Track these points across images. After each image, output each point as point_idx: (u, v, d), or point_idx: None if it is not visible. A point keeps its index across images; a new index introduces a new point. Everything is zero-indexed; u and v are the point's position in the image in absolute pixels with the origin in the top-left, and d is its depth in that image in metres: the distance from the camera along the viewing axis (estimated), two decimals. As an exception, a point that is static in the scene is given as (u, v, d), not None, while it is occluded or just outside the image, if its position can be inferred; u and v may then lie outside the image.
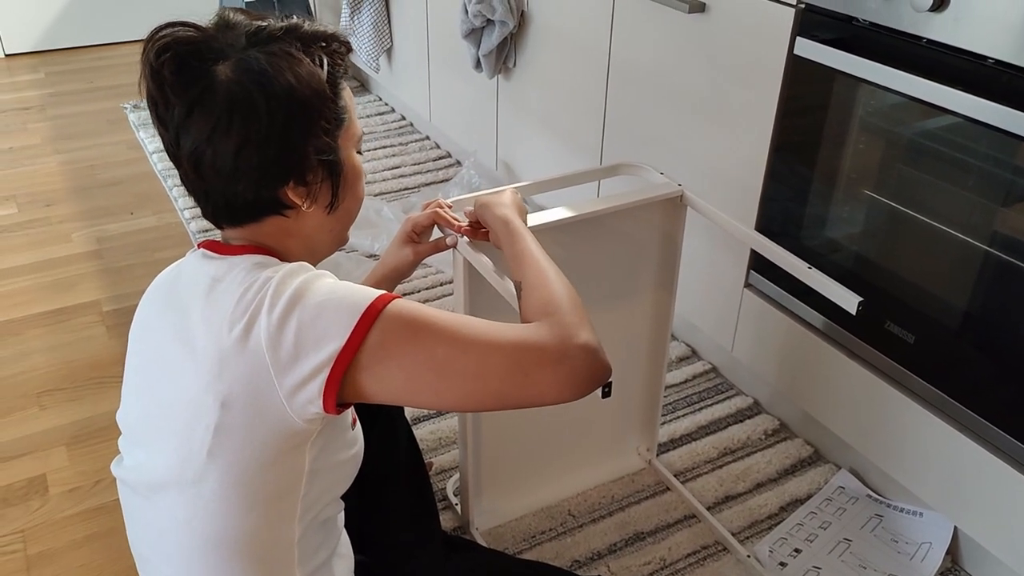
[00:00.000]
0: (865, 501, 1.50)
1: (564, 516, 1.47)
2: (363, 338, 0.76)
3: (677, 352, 1.88)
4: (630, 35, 1.75)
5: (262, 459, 0.80)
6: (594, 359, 0.79)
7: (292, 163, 0.82)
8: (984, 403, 1.24)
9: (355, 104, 0.91)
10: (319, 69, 0.83)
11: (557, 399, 0.78)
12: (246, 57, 0.80)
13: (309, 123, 0.82)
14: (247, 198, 0.83)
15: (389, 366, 0.77)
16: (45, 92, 3.36)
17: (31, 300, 2.08)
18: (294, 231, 0.88)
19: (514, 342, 0.78)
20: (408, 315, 0.78)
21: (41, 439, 1.66)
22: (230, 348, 0.78)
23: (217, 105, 0.78)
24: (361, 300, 0.78)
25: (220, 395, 0.78)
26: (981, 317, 1.23)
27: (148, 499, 0.87)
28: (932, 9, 1.15)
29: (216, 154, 0.80)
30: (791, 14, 1.37)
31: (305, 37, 0.84)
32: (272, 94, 0.79)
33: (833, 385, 1.48)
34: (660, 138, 1.74)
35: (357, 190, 0.92)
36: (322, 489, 0.88)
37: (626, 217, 1.30)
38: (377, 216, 2.38)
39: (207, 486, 0.81)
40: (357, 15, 2.91)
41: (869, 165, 1.35)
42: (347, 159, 0.88)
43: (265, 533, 0.83)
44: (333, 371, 0.76)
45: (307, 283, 0.80)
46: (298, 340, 0.76)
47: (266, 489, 0.81)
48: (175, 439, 0.82)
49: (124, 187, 2.64)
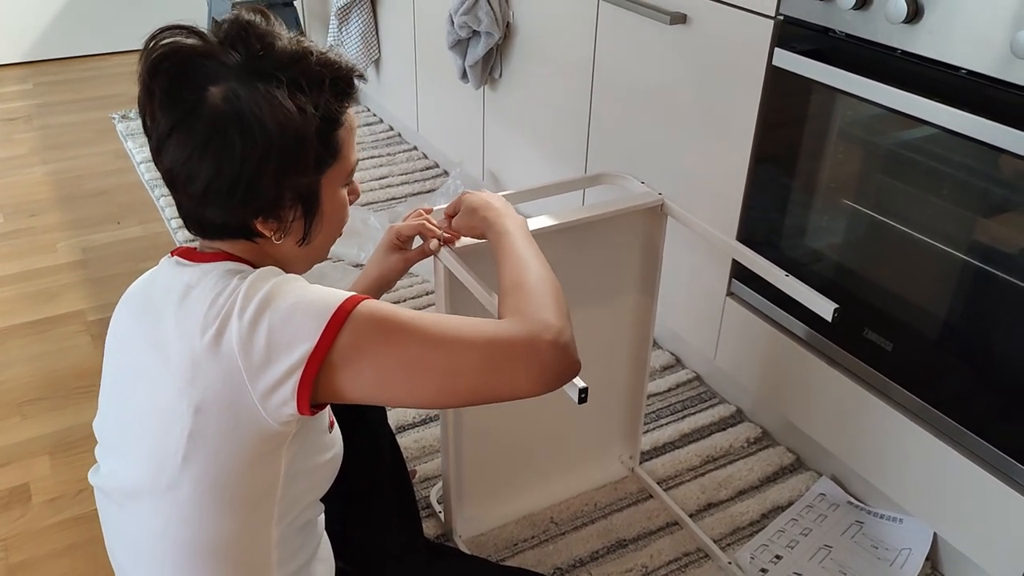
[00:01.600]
0: (846, 508, 1.51)
1: (547, 524, 1.48)
2: (334, 338, 0.77)
3: (661, 361, 1.89)
4: (613, 46, 1.77)
5: (238, 463, 0.80)
6: (563, 355, 0.79)
7: (262, 202, 0.82)
8: (962, 410, 1.26)
9: (355, 135, 0.89)
10: (310, 112, 0.80)
11: (528, 394, 0.79)
12: (237, 90, 0.78)
13: (284, 169, 0.81)
14: (216, 222, 0.84)
15: (361, 365, 0.77)
16: (33, 103, 3.36)
17: (15, 310, 2.07)
18: (266, 253, 0.88)
19: (486, 338, 0.78)
20: (379, 314, 0.79)
21: (24, 448, 1.65)
22: (202, 353, 0.78)
23: (196, 133, 0.78)
24: (331, 301, 0.79)
25: (194, 401, 0.78)
26: (958, 325, 1.24)
27: (124, 507, 0.87)
28: (906, 21, 1.17)
29: (188, 178, 0.80)
30: (770, 25, 1.39)
31: (309, 74, 0.81)
32: (250, 138, 0.78)
33: (814, 393, 1.49)
34: (644, 147, 1.76)
35: (335, 225, 0.91)
36: (300, 492, 0.88)
37: (608, 226, 1.31)
38: (364, 226, 2.38)
39: (182, 492, 0.81)
40: (345, 26, 2.92)
41: (848, 175, 1.36)
42: (328, 197, 0.87)
43: (242, 537, 0.84)
44: (306, 372, 0.76)
45: (277, 287, 0.80)
46: (270, 343, 0.77)
47: (242, 493, 0.82)
48: (149, 446, 0.82)
49: (110, 197, 2.64)
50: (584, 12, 1.83)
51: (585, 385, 0.89)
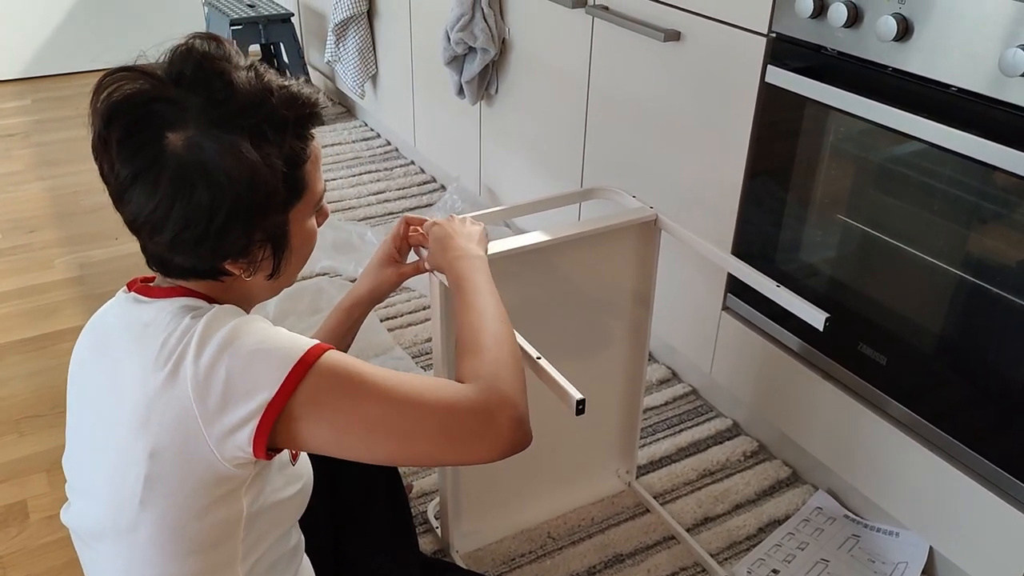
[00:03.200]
0: (842, 522, 1.51)
1: (544, 539, 1.48)
2: (294, 389, 0.76)
3: (657, 375, 1.90)
4: (608, 63, 1.79)
5: (196, 506, 0.78)
6: (518, 431, 0.80)
7: (231, 248, 0.81)
8: (957, 424, 1.26)
9: (320, 161, 0.87)
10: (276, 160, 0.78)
11: (480, 462, 0.79)
12: (199, 140, 0.75)
13: (252, 216, 0.79)
14: (185, 265, 0.82)
15: (320, 419, 0.76)
16: (31, 119, 3.37)
17: (12, 327, 2.08)
18: (231, 289, 0.86)
19: (444, 405, 0.78)
20: (341, 369, 0.78)
21: (21, 465, 1.65)
22: (155, 396, 0.76)
23: (161, 185, 0.75)
24: (294, 350, 0.77)
25: (148, 445, 0.76)
26: (952, 339, 1.25)
27: (91, 547, 0.86)
28: (897, 39, 1.18)
29: (154, 228, 0.78)
30: (762, 43, 1.41)
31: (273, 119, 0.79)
32: (218, 192, 0.76)
33: (810, 407, 1.50)
34: (639, 163, 1.77)
35: (305, 251, 0.89)
36: (265, 529, 0.86)
37: (602, 241, 1.32)
38: (361, 241, 2.39)
39: (141, 534, 0.79)
40: (343, 42, 2.94)
41: (841, 190, 1.37)
42: (297, 231, 0.86)
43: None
44: (263, 421, 0.75)
45: (237, 329, 0.77)
46: (227, 388, 0.75)
47: (203, 536, 0.80)
48: (107, 488, 0.80)
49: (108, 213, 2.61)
50: (579, 29, 1.85)
51: (583, 397, 0.90)
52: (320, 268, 2.28)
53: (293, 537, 0.95)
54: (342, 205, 2.66)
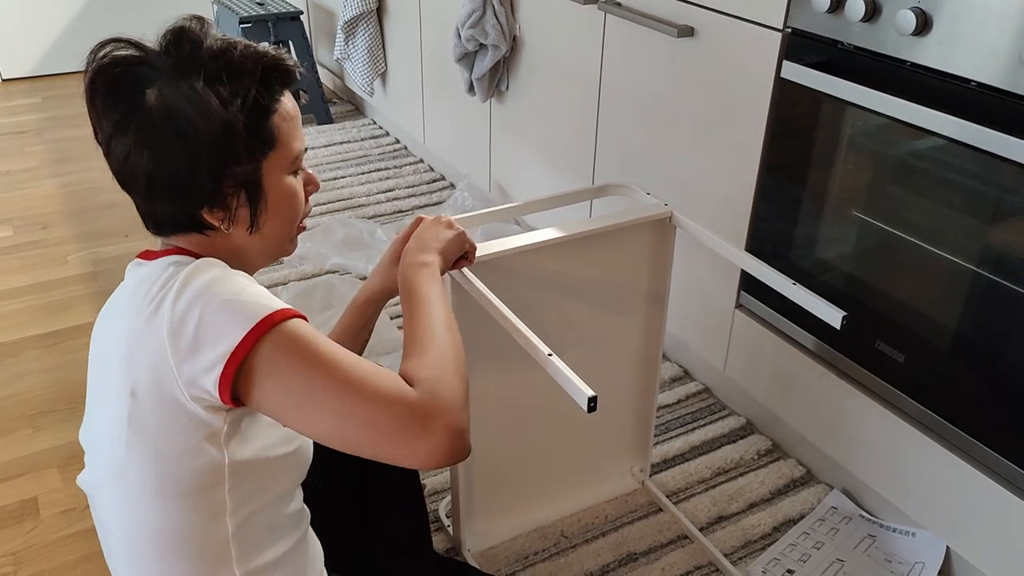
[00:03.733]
0: (858, 521, 1.50)
1: (557, 537, 1.47)
2: (254, 344, 0.78)
3: (670, 372, 1.89)
4: (620, 59, 1.78)
5: (175, 449, 0.81)
6: (454, 439, 0.78)
7: (202, 192, 0.84)
8: (975, 423, 1.25)
9: (297, 123, 0.91)
10: (234, 102, 0.83)
11: (410, 466, 0.78)
12: (164, 91, 0.82)
13: (216, 158, 0.83)
14: (166, 215, 0.87)
15: (272, 381, 0.78)
16: (42, 116, 3.39)
17: (26, 322, 2.08)
18: (219, 245, 0.90)
19: (385, 400, 0.78)
20: (301, 337, 0.79)
21: (34, 460, 1.65)
22: (137, 335, 0.81)
23: (130, 133, 0.82)
24: (261, 308, 0.79)
25: (130, 383, 0.81)
26: (970, 337, 1.24)
27: (97, 503, 0.90)
28: (915, 33, 1.17)
29: (131, 177, 0.84)
30: (778, 38, 1.40)
31: (231, 65, 0.84)
32: (180, 132, 0.81)
33: (825, 405, 1.49)
34: (652, 159, 1.76)
35: (284, 212, 0.91)
36: (255, 485, 0.87)
37: (616, 238, 1.31)
38: (371, 238, 2.39)
39: (130, 477, 0.83)
40: (352, 40, 2.94)
41: (857, 186, 1.36)
42: (272, 184, 0.89)
43: (195, 526, 0.84)
44: (226, 368, 0.77)
45: (216, 279, 0.81)
46: (197, 333, 0.78)
47: (187, 481, 0.83)
48: (106, 434, 0.85)
49: (120, 210, 2.65)
50: (591, 25, 1.84)
51: (594, 394, 0.90)
52: (331, 265, 2.28)
53: (292, 505, 0.95)
54: (352, 203, 2.66)
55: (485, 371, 1.30)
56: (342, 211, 2.61)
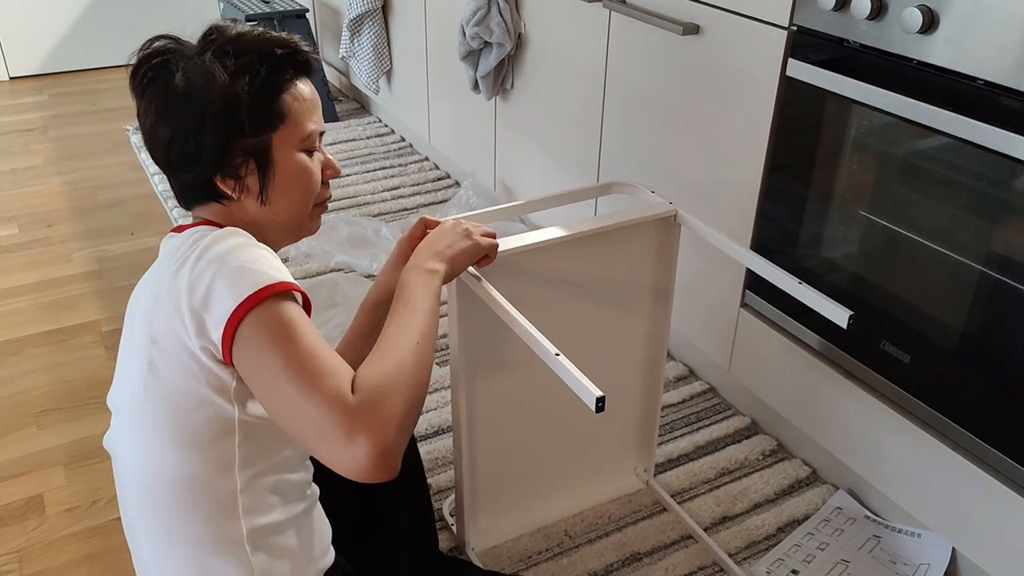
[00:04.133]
0: (863, 522, 1.49)
1: (561, 536, 1.47)
2: (247, 312, 0.82)
3: (674, 372, 1.88)
4: (626, 57, 1.77)
5: (189, 398, 0.86)
6: (379, 459, 0.76)
7: (212, 158, 0.92)
8: (981, 424, 1.24)
9: (314, 107, 0.98)
10: (241, 75, 0.91)
11: (338, 471, 0.77)
12: (187, 66, 0.91)
13: (221, 127, 0.91)
14: (186, 183, 0.95)
15: (247, 348, 0.82)
16: (48, 114, 3.39)
17: (31, 320, 2.09)
18: (236, 217, 0.97)
19: (322, 399, 0.78)
20: (283, 316, 0.82)
21: (39, 459, 1.66)
22: (160, 288, 0.88)
23: (155, 106, 0.91)
24: (261, 279, 0.83)
25: (151, 331, 0.87)
26: (977, 337, 1.23)
27: (119, 457, 0.96)
28: (922, 31, 1.16)
29: (157, 146, 0.93)
30: (783, 36, 1.39)
31: (241, 44, 0.93)
32: (190, 101, 0.90)
33: (830, 405, 1.48)
34: (657, 157, 1.76)
35: (294, 187, 0.97)
36: (263, 442, 0.91)
37: (620, 236, 1.30)
38: (376, 236, 2.39)
39: (147, 422, 0.88)
40: (357, 38, 2.94)
41: (863, 185, 1.35)
42: (283, 158, 0.95)
43: (207, 476, 0.89)
44: (226, 329, 0.82)
45: (236, 247, 0.87)
46: (208, 291, 0.83)
47: (200, 431, 0.87)
48: (130, 383, 0.91)
49: (125, 208, 2.65)
50: (596, 22, 1.83)
51: (602, 394, 0.89)
52: (335, 263, 2.27)
53: (299, 474, 0.98)
54: (357, 201, 2.66)
55: (489, 370, 1.29)
56: (347, 209, 2.61)
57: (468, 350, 1.25)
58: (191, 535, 0.90)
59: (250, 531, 0.91)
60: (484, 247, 1.11)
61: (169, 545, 0.91)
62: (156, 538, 0.92)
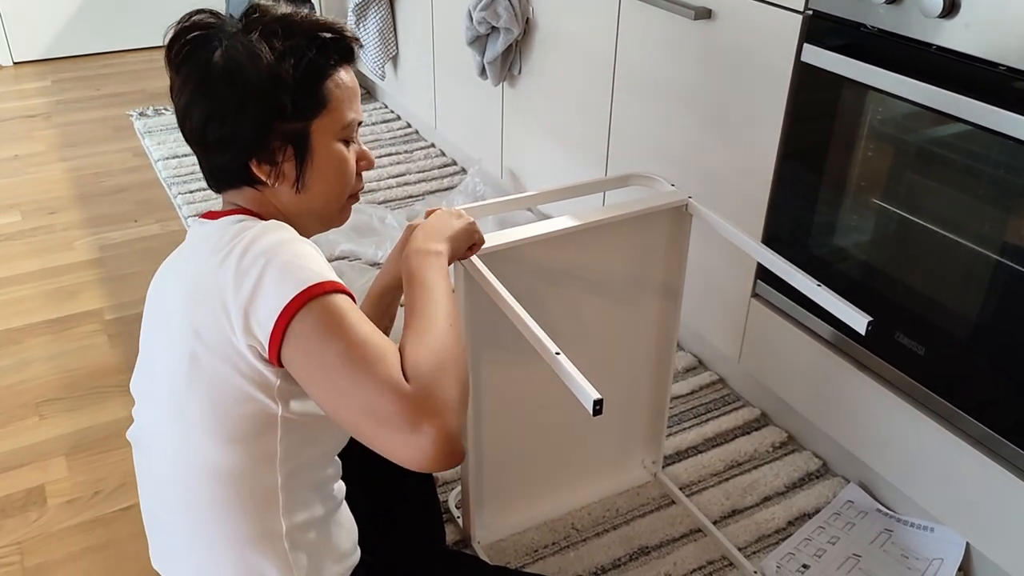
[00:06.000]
0: (875, 515, 1.47)
1: (568, 530, 1.45)
2: (297, 310, 0.80)
3: (684, 363, 1.86)
4: (636, 42, 1.74)
5: (232, 393, 0.84)
6: (445, 444, 0.75)
7: (250, 140, 0.89)
8: (996, 417, 1.22)
9: (354, 96, 0.95)
10: (286, 57, 0.88)
11: (402, 463, 0.76)
12: (230, 44, 0.88)
13: (263, 109, 0.88)
14: (219, 165, 0.92)
15: (297, 344, 0.80)
16: (52, 100, 3.37)
17: (33, 308, 2.07)
18: (270, 204, 0.94)
19: (381, 382, 0.76)
20: (335, 311, 0.80)
21: (40, 449, 1.64)
22: (203, 279, 0.85)
23: (192, 85, 0.88)
24: (311, 276, 0.81)
25: (195, 323, 0.84)
26: (993, 329, 1.20)
27: (149, 449, 0.93)
28: (942, 15, 1.13)
29: (191, 124, 0.90)
30: (798, 20, 1.35)
31: (289, 26, 0.90)
32: (231, 80, 0.87)
33: (842, 397, 1.46)
34: (666, 145, 1.72)
35: (330, 176, 0.94)
36: (303, 438, 0.90)
37: (631, 226, 1.28)
38: (381, 224, 2.36)
39: (189, 415, 0.86)
40: (363, 23, 2.90)
41: (878, 173, 1.32)
42: (321, 146, 0.92)
43: (247, 470, 0.87)
44: (275, 329, 0.80)
45: (282, 242, 0.85)
46: (255, 288, 0.81)
47: (243, 425, 0.85)
48: (167, 375, 0.88)
49: (128, 195, 2.63)
50: (605, 7, 1.80)
51: (600, 397, 0.87)
52: (340, 251, 2.25)
53: (332, 468, 0.98)
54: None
55: (495, 361, 1.27)
56: (351, 196, 2.58)
57: (474, 342, 1.23)
58: (230, 529, 0.89)
59: (289, 527, 0.91)
60: (477, 228, 1.10)
61: (207, 539, 0.90)
62: (193, 532, 0.91)
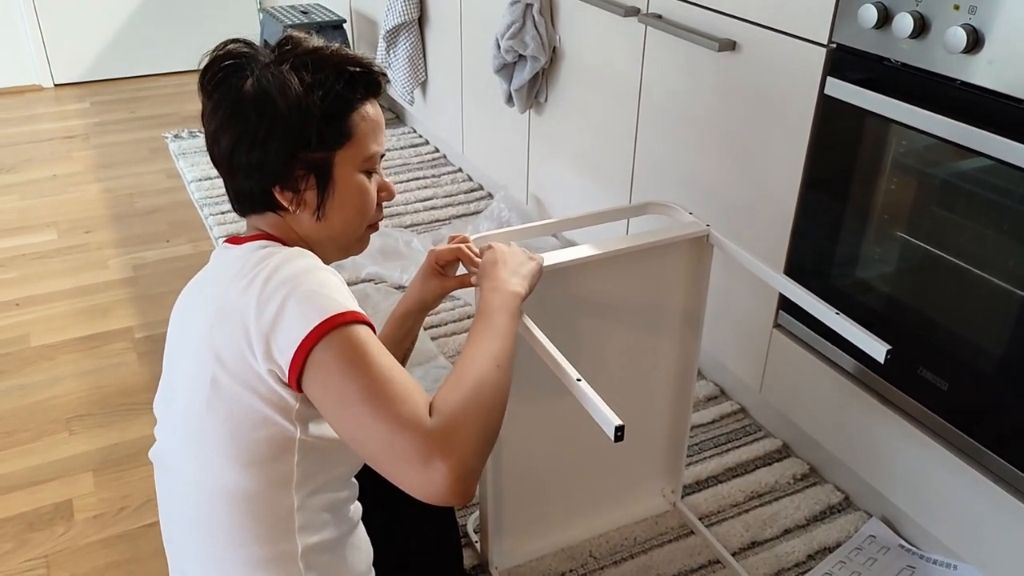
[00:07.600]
0: (897, 551, 1.45)
1: (585, 557, 1.45)
2: (318, 339, 0.81)
3: (705, 391, 1.86)
4: (661, 72, 1.76)
5: (252, 417, 0.86)
6: (455, 483, 0.76)
7: (275, 168, 0.91)
8: (1020, 454, 1.20)
9: (379, 129, 0.97)
10: (315, 89, 0.91)
11: (414, 495, 0.77)
12: (261, 74, 0.91)
13: (289, 139, 0.90)
14: (244, 190, 0.94)
15: (317, 373, 0.82)
16: (90, 121, 3.45)
17: (66, 325, 2.12)
18: (291, 229, 0.97)
19: (399, 423, 0.78)
20: (357, 342, 0.82)
21: (69, 464, 1.68)
22: (227, 302, 0.87)
23: (222, 109, 0.91)
24: (335, 307, 0.83)
25: (216, 348, 0.86)
26: (1017, 365, 1.19)
27: (169, 469, 0.95)
28: (965, 51, 1.13)
29: (220, 149, 0.93)
30: (822, 54, 1.36)
31: (319, 60, 0.93)
32: (260, 108, 0.90)
33: (864, 430, 1.44)
34: (690, 175, 1.73)
35: (350, 206, 0.97)
36: (320, 461, 0.91)
37: (652, 255, 1.29)
38: (407, 248, 2.39)
39: (207, 439, 0.87)
40: (393, 48, 2.95)
41: (901, 206, 1.32)
42: (343, 176, 0.95)
43: (263, 493, 0.88)
44: (296, 355, 0.82)
45: (306, 270, 0.87)
46: (278, 314, 0.83)
47: (261, 448, 0.87)
48: (187, 398, 0.89)
49: (162, 215, 2.69)
50: (631, 38, 1.82)
51: (622, 423, 0.87)
52: (366, 274, 2.28)
53: (347, 490, 0.99)
54: (389, 211, 2.67)
55: (516, 387, 1.28)
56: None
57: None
58: (245, 552, 0.90)
59: (304, 549, 0.91)
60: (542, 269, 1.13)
61: (221, 561, 0.91)
62: (208, 554, 0.91)
